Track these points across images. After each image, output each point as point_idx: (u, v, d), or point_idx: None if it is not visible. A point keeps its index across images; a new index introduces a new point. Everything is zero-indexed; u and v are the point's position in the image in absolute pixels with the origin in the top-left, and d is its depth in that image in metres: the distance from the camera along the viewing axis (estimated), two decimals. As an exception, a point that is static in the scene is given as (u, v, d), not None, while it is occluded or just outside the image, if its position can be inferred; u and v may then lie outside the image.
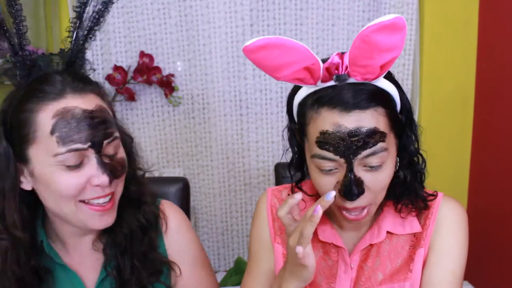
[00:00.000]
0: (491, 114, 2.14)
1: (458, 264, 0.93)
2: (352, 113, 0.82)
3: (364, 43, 0.78)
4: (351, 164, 0.83)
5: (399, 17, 0.76)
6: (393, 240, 0.96)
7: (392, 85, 0.87)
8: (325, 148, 0.83)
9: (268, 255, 1.04)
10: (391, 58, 0.80)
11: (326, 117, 0.83)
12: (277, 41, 0.81)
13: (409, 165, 0.93)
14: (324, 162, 0.85)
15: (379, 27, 0.75)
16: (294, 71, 0.83)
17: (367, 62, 0.80)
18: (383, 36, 0.76)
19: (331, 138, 0.82)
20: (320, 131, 0.84)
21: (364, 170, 0.84)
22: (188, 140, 2.27)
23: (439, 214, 0.96)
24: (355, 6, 2.18)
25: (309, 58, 0.82)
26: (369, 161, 0.83)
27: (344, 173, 0.84)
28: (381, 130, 0.83)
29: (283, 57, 0.82)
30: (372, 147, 0.82)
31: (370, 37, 0.76)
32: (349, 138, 0.81)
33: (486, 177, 2.18)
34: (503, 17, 2.03)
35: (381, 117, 0.83)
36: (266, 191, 1.08)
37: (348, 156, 0.82)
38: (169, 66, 2.19)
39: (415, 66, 2.21)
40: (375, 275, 0.95)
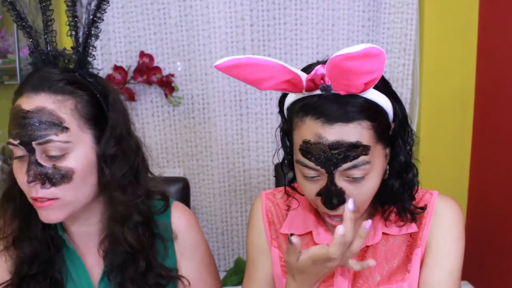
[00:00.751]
0: (491, 114, 2.13)
1: (456, 263, 0.93)
2: (335, 126, 0.81)
3: (336, 68, 0.77)
4: (332, 175, 0.83)
5: (371, 47, 0.74)
6: (389, 241, 0.96)
7: (383, 96, 0.86)
8: (307, 157, 0.84)
9: (266, 260, 1.04)
10: (371, 79, 0.79)
11: (309, 127, 0.83)
12: (247, 61, 0.81)
13: (399, 175, 0.92)
14: (307, 169, 0.85)
15: (347, 57, 0.74)
16: (274, 84, 0.84)
17: (345, 82, 0.79)
18: (355, 63, 0.75)
19: (313, 149, 0.82)
20: (303, 139, 0.84)
21: (346, 181, 0.84)
22: (188, 140, 2.27)
23: (434, 213, 0.96)
24: (355, 6, 2.18)
25: (286, 73, 0.82)
26: (350, 173, 0.83)
27: (326, 182, 0.84)
28: (364, 144, 0.82)
29: (258, 73, 0.82)
30: (353, 160, 0.82)
31: (341, 65, 0.76)
32: (330, 150, 0.81)
33: (486, 177, 2.18)
34: (503, 17, 2.03)
35: (365, 131, 0.82)
36: (260, 195, 1.08)
37: (329, 167, 0.82)
38: (169, 66, 2.19)
39: (415, 66, 2.21)
40: (373, 276, 0.95)
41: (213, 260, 1.11)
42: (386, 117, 0.87)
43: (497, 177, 2.08)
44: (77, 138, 0.91)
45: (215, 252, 2.35)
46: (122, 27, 2.16)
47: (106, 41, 2.16)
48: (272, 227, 1.04)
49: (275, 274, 1.03)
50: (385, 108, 0.86)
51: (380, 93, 0.85)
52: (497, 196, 2.07)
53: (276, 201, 1.05)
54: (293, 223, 1.01)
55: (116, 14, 2.14)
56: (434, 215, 0.95)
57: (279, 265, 1.02)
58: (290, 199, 1.05)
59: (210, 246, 2.35)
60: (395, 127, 0.89)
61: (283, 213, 1.04)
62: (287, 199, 1.05)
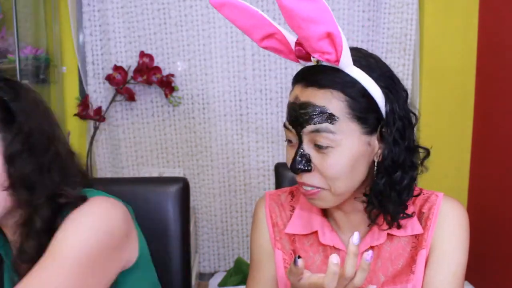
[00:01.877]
0: (491, 114, 2.13)
1: (460, 265, 0.93)
2: (309, 89, 0.86)
3: (282, 8, 0.81)
4: (300, 137, 0.87)
5: None
6: (394, 242, 0.96)
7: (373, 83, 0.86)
8: (287, 118, 0.90)
9: (270, 262, 1.03)
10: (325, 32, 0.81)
11: (294, 91, 0.90)
12: (233, 2, 0.88)
13: (385, 173, 0.90)
14: (287, 132, 0.90)
15: None
16: (262, 37, 0.89)
17: (301, 33, 0.82)
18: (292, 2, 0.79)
19: (290, 108, 0.89)
20: (288, 101, 0.90)
21: (314, 150, 0.87)
22: (188, 140, 2.27)
23: (440, 214, 0.95)
24: (355, 6, 2.18)
25: (268, 25, 0.88)
26: (316, 138, 0.86)
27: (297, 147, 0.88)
28: (330, 112, 0.85)
29: (244, 19, 0.88)
30: (317, 125, 0.85)
31: (282, 2, 0.79)
32: (299, 110, 0.86)
33: (486, 177, 2.18)
34: (503, 17, 2.03)
35: (335, 100, 0.85)
36: (264, 195, 1.07)
37: (297, 127, 0.87)
38: (169, 66, 2.19)
39: (415, 66, 2.21)
40: (377, 277, 0.95)
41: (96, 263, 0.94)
42: (372, 102, 0.87)
43: (497, 177, 2.08)
44: None
45: (215, 252, 2.35)
46: (122, 27, 2.16)
47: (106, 41, 2.16)
48: (275, 228, 1.03)
49: (279, 276, 1.02)
50: (372, 95, 0.87)
51: (369, 78, 0.87)
52: (497, 196, 2.07)
53: (280, 202, 1.05)
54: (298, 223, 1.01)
55: (116, 14, 2.14)
56: (439, 217, 0.95)
57: (282, 266, 1.01)
58: (294, 200, 1.05)
59: (210, 246, 2.36)
60: (383, 121, 0.88)
61: (287, 214, 1.04)
62: (292, 200, 1.05)
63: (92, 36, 2.16)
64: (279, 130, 2.27)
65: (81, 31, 2.16)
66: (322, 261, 0.98)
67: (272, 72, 2.22)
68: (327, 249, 0.98)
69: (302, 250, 1.00)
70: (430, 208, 0.96)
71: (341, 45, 0.83)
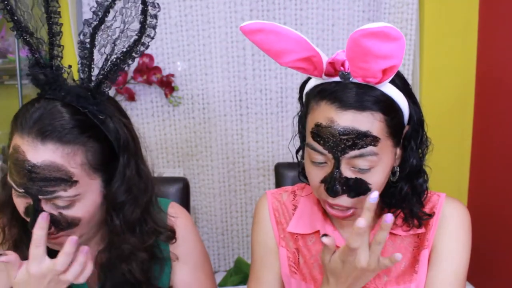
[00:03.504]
0: (491, 114, 2.13)
1: (461, 265, 0.93)
2: (348, 112, 0.82)
3: (356, 46, 0.77)
4: (338, 161, 0.83)
5: (391, 27, 0.74)
6: (396, 241, 0.96)
7: (400, 94, 0.86)
8: (317, 140, 0.84)
9: (275, 260, 1.03)
10: (390, 66, 0.79)
11: (323, 111, 0.84)
12: (271, 28, 0.82)
13: (409, 178, 0.92)
14: (315, 154, 0.86)
15: (367, 33, 0.74)
16: (294, 60, 0.85)
17: (364, 65, 0.80)
18: (375, 42, 0.75)
19: (323, 132, 0.83)
20: (315, 122, 0.85)
21: (352, 171, 0.84)
22: (188, 140, 2.27)
23: (442, 215, 0.95)
24: (355, 6, 2.18)
25: (308, 49, 0.83)
26: (357, 162, 0.83)
27: (331, 169, 0.84)
28: (374, 135, 0.82)
29: (280, 43, 0.83)
30: (361, 149, 0.82)
31: (359, 41, 0.76)
32: (339, 135, 0.82)
33: (486, 177, 2.18)
34: (503, 17, 2.03)
35: (376, 122, 0.83)
36: (266, 194, 1.07)
37: (336, 153, 0.83)
38: (169, 66, 2.19)
39: (415, 66, 2.21)
40: (380, 277, 0.95)
41: (209, 261, 1.10)
42: (401, 115, 0.87)
43: (497, 177, 2.08)
44: (85, 189, 0.85)
45: (215, 252, 2.35)
46: (122, 27, 2.15)
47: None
48: (279, 226, 1.03)
49: (284, 274, 1.02)
50: (400, 106, 0.86)
51: (398, 91, 0.86)
52: (497, 196, 2.07)
53: (282, 201, 1.05)
54: (300, 223, 1.01)
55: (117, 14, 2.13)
56: (441, 218, 0.95)
57: (287, 264, 1.01)
58: (296, 199, 1.05)
59: (210, 246, 2.36)
60: (409, 129, 0.89)
61: (289, 213, 1.04)
62: (294, 199, 1.05)
63: (92, 36, 2.16)
64: (279, 130, 2.27)
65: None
66: None
67: (272, 72, 2.22)
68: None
69: (305, 248, 1.00)
70: (432, 208, 0.96)
71: (393, 73, 0.81)
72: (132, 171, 0.90)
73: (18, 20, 0.86)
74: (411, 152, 0.90)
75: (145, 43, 0.86)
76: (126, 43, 0.86)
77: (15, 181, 0.83)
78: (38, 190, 0.81)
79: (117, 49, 0.86)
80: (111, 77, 0.87)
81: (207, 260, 1.09)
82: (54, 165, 0.81)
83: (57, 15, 0.87)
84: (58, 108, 0.84)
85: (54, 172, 0.81)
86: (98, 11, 0.86)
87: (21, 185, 0.82)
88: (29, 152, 0.81)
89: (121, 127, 0.89)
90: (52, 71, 0.86)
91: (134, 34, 0.86)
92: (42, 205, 0.83)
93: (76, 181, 0.83)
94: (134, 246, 0.92)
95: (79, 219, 0.86)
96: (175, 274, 1.02)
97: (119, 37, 0.86)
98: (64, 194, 0.82)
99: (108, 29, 0.86)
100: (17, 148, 0.82)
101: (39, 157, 0.81)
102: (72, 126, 0.83)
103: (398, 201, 0.92)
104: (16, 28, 0.86)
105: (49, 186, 0.81)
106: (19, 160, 0.81)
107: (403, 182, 0.91)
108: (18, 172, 0.82)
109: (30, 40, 0.86)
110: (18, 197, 0.85)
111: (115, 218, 0.90)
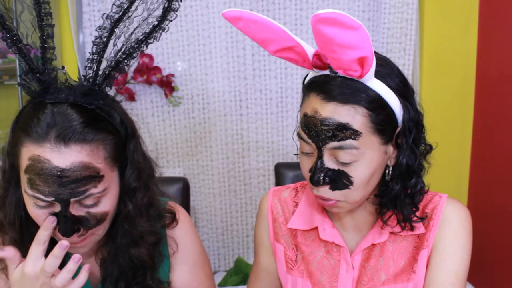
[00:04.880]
0: (491, 114, 2.14)
1: (461, 266, 0.93)
2: (330, 104, 0.84)
3: (319, 35, 0.78)
4: (321, 152, 0.85)
5: (342, 14, 0.76)
6: (396, 241, 0.96)
7: (390, 92, 0.86)
8: (304, 130, 0.87)
9: (266, 254, 1.06)
10: (360, 57, 0.80)
11: (311, 102, 0.86)
12: (249, 16, 0.85)
13: (400, 178, 0.92)
14: (304, 144, 0.88)
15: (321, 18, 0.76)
16: (279, 49, 0.88)
17: (334, 56, 0.81)
18: (333, 31, 0.76)
19: (308, 122, 0.86)
20: (304, 112, 0.88)
21: (334, 163, 0.86)
22: (188, 140, 2.27)
23: (443, 215, 0.95)
24: (355, 6, 2.18)
25: (287, 39, 0.86)
26: (338, 154, 0.85)
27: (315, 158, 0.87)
28: (354, 128, 0.83)
29: (262, 33, 0.86)
30: (340, 141, 0.83)
31: (319, 28, 0.77)
32: (320, 125, 0.84)
33: (486, 177, 2.18)
34: (503, 17, 2.03)
35: (358, 116, 0.83)
36: (269, 191, 1.10)
37: (318, 143, 0.85)
38: (169, 66, 2.19)
39: (415, 66, 2.21)
40: (378, 275, 0.95)
41: (207, 260, 1.12)
42: (391, 113, 0.87)
43: (497, 177, 2.08)
44: (109, 182, 0.87)
45: (215, 252, 2.35)
46: (122, 27, 2.15)
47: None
48: (276, 224, 1.05)
49: (280, 270, 1.04)
50: (390, 104, 0.86)
51: (388, 89, 0.86)
52: (497, 196, 2.07)
53: (283, 198, 1.07)
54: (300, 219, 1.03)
55: (116, 14, 2.14)
56: (442, 218, 0.95)
57: (283, 261, 1.03)
58: (298, 196, 1.06)
59: (210, 246, 2.36)
60: (401, 129, 0.89)
61: (290, 210, 1.05)
62: (295, 196, 1.07)
63: (92, 36, 2.15)
64: (279, 130, 2.27)
65: (81, 31, 2.16)
66: (323, 256, 0.99)
67: (272, 72, 2.22)
68: (328, 245, 0.99)
69: (304, 245, 1.02)
70: (433, 209, 0.96)
71: (370, 66, 0.82)
72: (139, 155, 0.93)
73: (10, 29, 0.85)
74: (402, 152, 0.90)
75: (164, 27, 0.88)
76: (145, 30, 0.88)
77: (42, 191, 0.81)
78: (70, 193, 0.81)
79: (134, 37, 0.88)
80: (121, 67, 0.88)
81: (206, 259, 1.10)
82: (82, 165, 0.81)
83: (49, 17, 0.86)
84: (67, 109, 0.84)
85: (84, 171, 0.81)
86: (122, 3, 0.86)
87: (51, 193, 0.81)
88: (54, 158, 0.80)
89: (123, 115, 0.91)
90: (48, 75, 0.86)
91: (155, 20, 0.87)
92: (70, 209, 0.83)
93: (103, 175, 0.84)
94: (144, 230, 0.94)
95: (106, 214, 0.87)
96: (174, 273, 1.03)
97: (140, 25, 0.87)
98: (94, 191, 0.83)
99: (127, 19, 0.87)
100: (38, 158, 0.81)
101: (66, 160, 0.81)
102: (87, 124, 0.83)
103: (389, 200, 0.92)
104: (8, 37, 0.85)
105: (80, 187, 0.82)
106: (45, 169, 0.80)
107: (395, 181, 0.91)
108: (45, 181, 0.80)
109: (22, 47, 0.86)
110: (40, 208, 0.84)
111: (129, 204, 0.92)
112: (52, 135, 0.81)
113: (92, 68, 0.87)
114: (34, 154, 0.81)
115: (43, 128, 0.81)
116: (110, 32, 0.87)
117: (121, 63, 0.88)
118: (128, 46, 0.88)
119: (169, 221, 1.02)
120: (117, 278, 0.96)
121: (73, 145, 0.81)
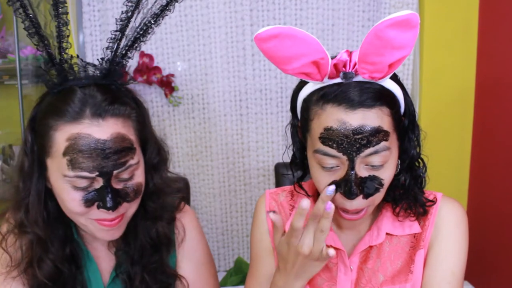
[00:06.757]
0: (491, 114, 2.13)
1: (458, 264, 0.93)
2: (357, 111, 0.82)
3: (377, 38, 0.77)
4: (353, 162, 0.82)
5: (414, 13, 0.76)
6: (393, 242, 0.96)
7: (397, 87, 0.87)
8: (328, 144, 0.83)
9: (268, 258, 1.04)
10: (401, 57, 0.80)
11: (331, 114, 0.83)
12: (289, 31, 0.80)
13: (409, 169, 0.93)
14: (326, 158, 0.84)
15: (393, 22, 0.75)
16: (303, 64, 0.83)
17: (377, 59, 0.80)
18: (397, 32, 0.76)
19: (335, 135, 0.82)
20: (324, 127, 0.83)
21: (366, 169, 0.84)
22: (188, 140, 2.27)
23: (438, 214, 0.96)
24: (355, 6, 2.18)
25: (319, 51, 0.82)
26: (371, 160, 0.83)
27: (346, 171, 0.83)
28: (385, 129, 0.83)
29: (293, 48, 0.81)
30: (375, 146, 0.82)
31: (383, 32, 0.76)
32: (353, 135, 0.81)
33: (486, 177, 2.18)
34: (503, 17, 2.03)
35: (385, 117, 0.83)
36: (265, 193, 1.08)
37: (351, 154, 0.82)
38: (169, 66, 2.19)
39: (415, 66, 2.21)
40: (376, 276, 0.95)
41: (212, 259, 1.12)
42: (400, 107, 0.88)
43: (497, 177, 2.08)
44: (139, 156, 0.91)
45: (215, 252, 2.35)
46: (122, 27, 2.15)
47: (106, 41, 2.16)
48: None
49: None
50: (398, 99, 0.87)
51: (395, 83, 0.87)
52: (497, 196, 2.07)
53: (280, 201, 1.06)
54: None
55: (116, 14, 2.13)
56: (437, 217, 0.95)
57: None
58: (294, 199, 1.05)
59: (210, 246, 2.35)
60: (405, 120, 0.90)
61: (286, 213, 1.04)
62: (291, 199, 1.06)
63: (92, 36, 2.16)
64: (279, 130, 2.27)
65: (81, 31, 2.16)
66: None
67: (272, 72, 2.22)
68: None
69: None
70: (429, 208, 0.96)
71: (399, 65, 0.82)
72: (155, 132, 0.98)
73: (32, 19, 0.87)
74: (410, 143, 0.91)
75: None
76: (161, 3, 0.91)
77: (86, 168, 0.83)
78: (113, 165, 0.84)
79: (151, 12, 0.91)
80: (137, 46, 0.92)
81: (210, 258, 1.11)
82: (120, 136, 0.85)
83: (64, 4, 0.89)
84: (94, 89, 0.87)
85: (122, 142, 0.85)
86: None
87: (95, 168, 0.83)
88: (94, 132, 0.83)
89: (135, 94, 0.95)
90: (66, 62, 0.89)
91: None
92: (112, 183, 0.86)
93: (135, 148, 0.89)
94: (162, 206, 0.98)
95: (141, 185, 0.91)
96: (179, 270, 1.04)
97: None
98: (132, 162, 0.87)
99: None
100: (78, 135, 0.83)
101: (106, 132, 0.84)
102: (114, 100, 0.87)
103: (401, 192, 0.93)
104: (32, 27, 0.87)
105: (121, 158, 0.85)
106: (88, 143, 0.83)
107: (405, 173, 0.92)
108: (89, 156, 0.83)
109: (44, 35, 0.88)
110: (79, 190, 0.85)
111: (150, 180, 0.95)
112: (88, 112, 0.84)
113: (111, 48, 0.91)
114: (73, 133, 0.83)
115: (78, 106, 0.85)
116: (136, 6, 0.90)
117: (137, 41, 0.91)
118: (145, 22, 0.91)
119: (178, 201, 1.05)
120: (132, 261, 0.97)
121: (109, 117, 0.85)
